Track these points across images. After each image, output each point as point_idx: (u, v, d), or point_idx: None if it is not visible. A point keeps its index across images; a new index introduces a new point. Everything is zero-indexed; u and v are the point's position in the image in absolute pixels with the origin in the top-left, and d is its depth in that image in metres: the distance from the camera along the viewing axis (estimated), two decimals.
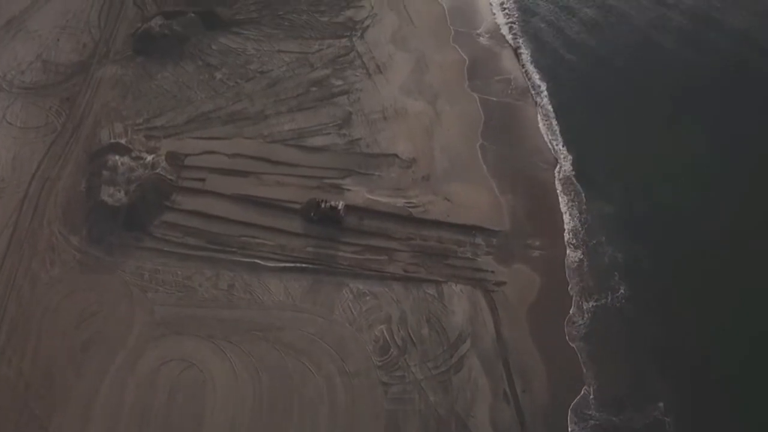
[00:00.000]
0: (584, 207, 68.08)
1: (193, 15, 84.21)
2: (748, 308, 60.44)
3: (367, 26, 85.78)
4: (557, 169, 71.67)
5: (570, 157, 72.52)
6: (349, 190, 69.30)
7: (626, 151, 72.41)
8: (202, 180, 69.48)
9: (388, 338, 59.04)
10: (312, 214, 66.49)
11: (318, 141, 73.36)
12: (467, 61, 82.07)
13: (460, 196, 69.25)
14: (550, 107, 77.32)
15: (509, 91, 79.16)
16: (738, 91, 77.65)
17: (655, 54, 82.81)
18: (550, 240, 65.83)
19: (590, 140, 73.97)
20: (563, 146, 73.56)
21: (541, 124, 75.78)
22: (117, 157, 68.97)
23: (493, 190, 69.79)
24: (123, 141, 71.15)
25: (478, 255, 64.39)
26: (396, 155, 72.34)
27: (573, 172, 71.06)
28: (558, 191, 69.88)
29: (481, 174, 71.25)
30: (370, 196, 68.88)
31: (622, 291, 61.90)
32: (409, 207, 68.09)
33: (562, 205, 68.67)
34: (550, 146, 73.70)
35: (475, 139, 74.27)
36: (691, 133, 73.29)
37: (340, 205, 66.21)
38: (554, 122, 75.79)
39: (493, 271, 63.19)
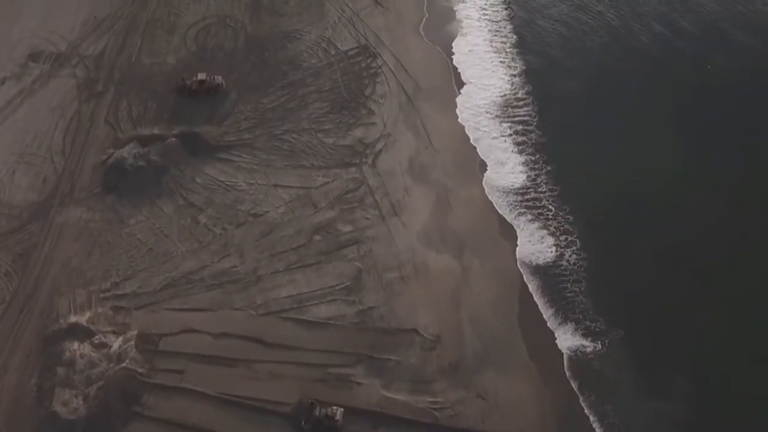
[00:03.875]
0: None
1: (173, 140, 71.50)
2: None
3: (380, 150, 73.07)
4: None
5: None
6: (359, 383, 56.51)
7: None
8: (180, 372, 56.56)
9: None
10: (303, 422, 53.71)
11: (322, 311, 60.58)
12: None
13: (498, 392, 56.47)
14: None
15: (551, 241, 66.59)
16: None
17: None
18: None
19: None
20: None
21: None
22: (76, 346, 56.17)
23: (536, 382, 56.97)
24: (84, 320, 58.22)
25: None
26: (416, 331, 59.62)
27: None
28: None
29: (522, 359, 58.48)
30: (386, 393, 56.05)
31: None
32: (433, 409, 55.27)
33: None
34: None
35: (511, 309, 61.63)
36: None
37: (338, 414, 53.47)
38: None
39: None
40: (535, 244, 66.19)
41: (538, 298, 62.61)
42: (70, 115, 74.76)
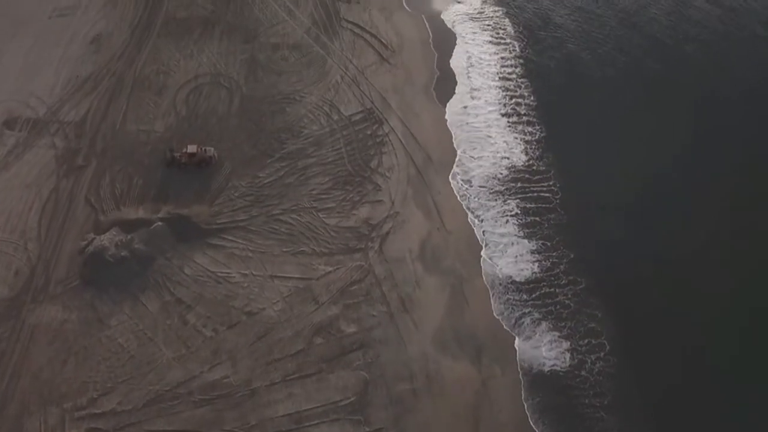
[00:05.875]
0: None
1: (160, 224, 64.77)
2: None
3: (387, 233, 66.37)
4: None
5: None
6: None
7: None
8: None
9: None
10: None
11: None
12: None
13: None
14: None
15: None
16: None
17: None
18: None
19: None
20: None
21: None
22: None
23: None
24: None
25: None
26: None
27: None
28: None
29: None
30: None
31: None
32: None
33: None
34: None
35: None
36: None
37: None
38: None
39: None
40: (550, 349, 59.38)
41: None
42: (47, 193, 67.90)
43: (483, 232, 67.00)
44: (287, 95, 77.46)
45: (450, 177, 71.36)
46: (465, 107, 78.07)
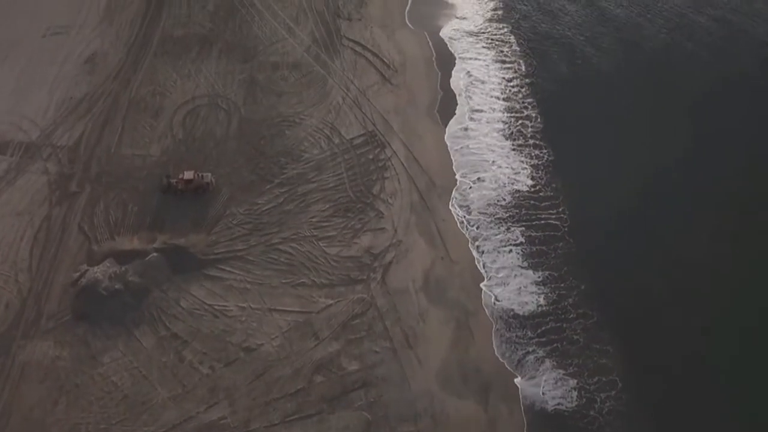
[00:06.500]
0: None
1: (155, 255, 62.75)
2: None
3: (390, 262, 64.36)
4: None
5: None
6: None
7: None
8: None
9: None
10: None
11: None
12: None
13: None
14: None
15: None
16: None
17: None
18: None
19: None
20: None
21: None
22: None
23: None
24: None
25: None
26: None
27: None
28: None
29: None
30: None
31: None
32: None
33: None
34: None
35: None
36: None
37: None
38: None
39: None
40: (555, 388, 57.22)
41: None
42: (39, 221, 65.96)
43: (483, 263, 64.83)
44: (287, 117, 75.43)
45: (450, 204, 69.23)
46: (466, 129, 76.01)
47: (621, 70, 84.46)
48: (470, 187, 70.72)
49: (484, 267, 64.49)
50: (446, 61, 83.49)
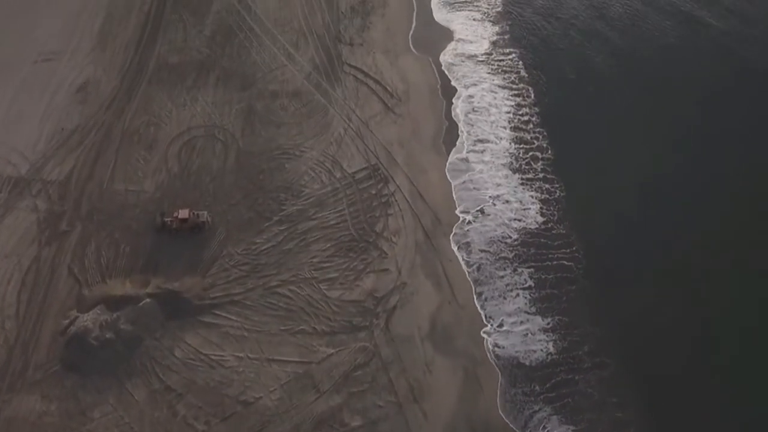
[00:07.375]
0: None
1: (148, 301, 59.88)
2: None
3: (394, 307, 61.48)
4: None
5: None
6: None
7: None
8: None
9: None
10: None
11: None
12: None
13: None
14: None
15: None
16: None
17: None
18: None
19: None
20: None
21: None
22: None
23: None
24: None
25: None
26: None
27: None
28: None
29: None
30: None
31: None
32: None
33: None
34: None
35: None
36: None
37: None
38: None
39: None
40: None
41: None
42: (28, 262, 63.09)
43: (484, 308, 61.96)
44: (286, 150, 72.47)
45: (452, 243, 66.27)
46: (469, 161, 72.92)
47: (641, 98, 79.89)
48: (468, 222, 67.66)
49: (484, 310, 61.80)
50: (452, 88, 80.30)
